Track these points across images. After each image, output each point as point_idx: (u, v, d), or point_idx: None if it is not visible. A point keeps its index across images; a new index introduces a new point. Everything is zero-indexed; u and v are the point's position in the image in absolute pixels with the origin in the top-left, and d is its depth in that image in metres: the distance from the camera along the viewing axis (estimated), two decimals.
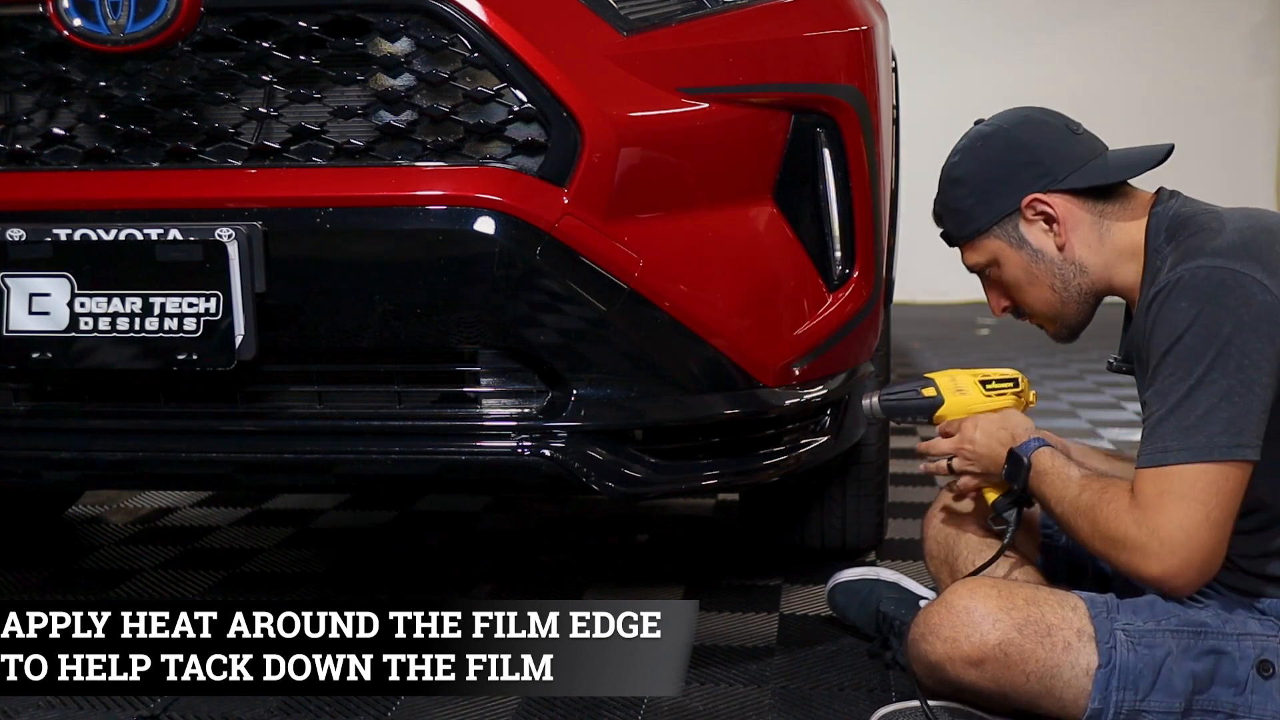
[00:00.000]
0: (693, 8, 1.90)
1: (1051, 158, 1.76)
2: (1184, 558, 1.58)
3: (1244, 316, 1.57)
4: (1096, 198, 1.76)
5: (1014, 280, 1.82)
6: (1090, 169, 1.76)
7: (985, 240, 1.81)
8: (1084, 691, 1.63)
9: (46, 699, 1.99)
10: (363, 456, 1.88)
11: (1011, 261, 1.81)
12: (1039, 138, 1.79)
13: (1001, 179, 1.78)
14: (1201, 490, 1.57)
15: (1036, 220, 1.77)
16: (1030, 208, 1.77)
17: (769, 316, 1.97)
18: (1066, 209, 1.76)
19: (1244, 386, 1.57)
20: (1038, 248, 1.78)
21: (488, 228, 1.78)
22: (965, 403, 1.92)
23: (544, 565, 2.68)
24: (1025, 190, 1.76)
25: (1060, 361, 5.52)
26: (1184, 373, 1.58)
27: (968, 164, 1.82)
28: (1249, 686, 1.63)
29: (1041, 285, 1.80)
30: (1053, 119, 1.82)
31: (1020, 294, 1.83)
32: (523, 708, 1.94)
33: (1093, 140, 1.81)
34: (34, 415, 1.96)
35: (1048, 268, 1.79)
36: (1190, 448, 1.57)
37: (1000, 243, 1.80)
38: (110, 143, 1.86)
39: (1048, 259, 1.78)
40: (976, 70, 7.71)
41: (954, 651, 1.66)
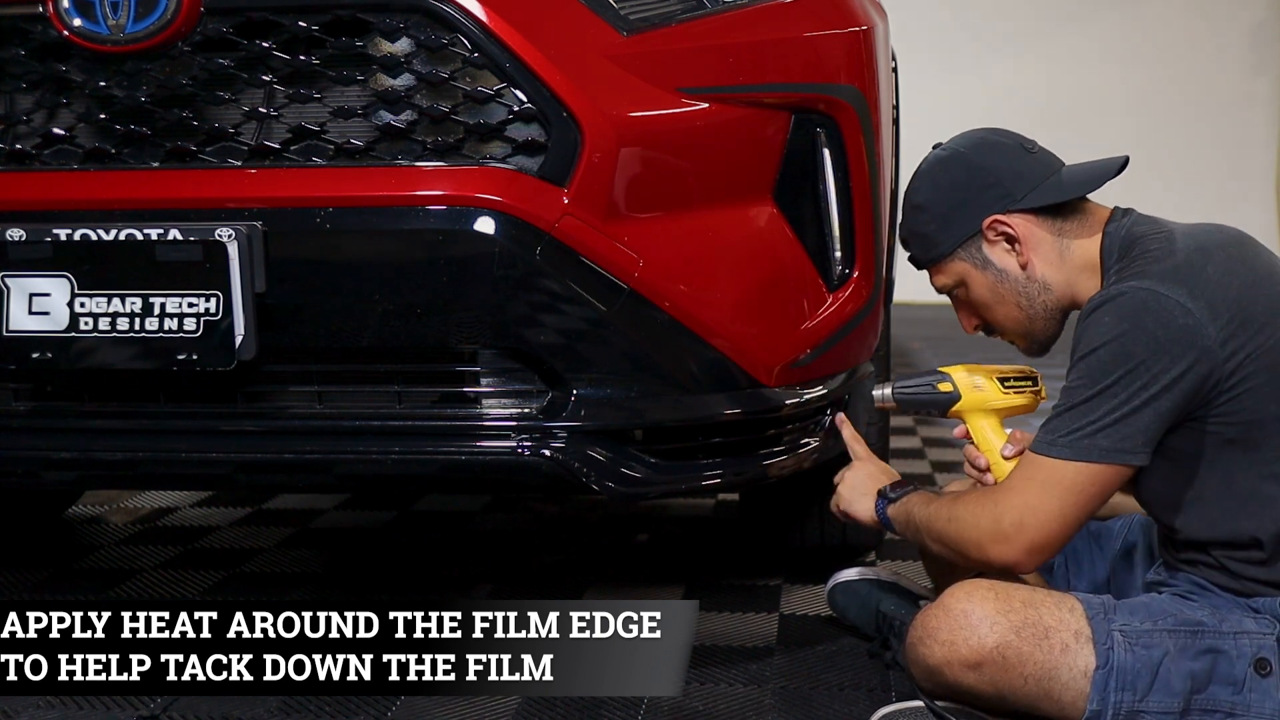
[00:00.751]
0: (693, 8, 1.90)
1: (1009, 178, 1.80)
2: (1028, 542, 1.67)
3: (1160, 339, 1.62)
4: (1055, 215, 1.80)
5: (981, 300, 1.86)
6: (1047, 187, 1.79)
7: (950, 263, 1.85)
8: (1082, 693, 1.63)
9: (46, 699, 1.99)
10: (363, 456, 1.88)
11: (977, 282, 1.85)
12: (995, 159, 1.82)
13: (961, 202, 1.82)
14: (1065, 488, 1.65)
15: (998, 241, 1.80)
16: (991, 229, 1.80)
17: (769, 316, 1.97)
18: (1026, 228, 1.79)
19: (1142, 402, 1.62)
20: (1001, 268, 1.82)
21: (488, 228, 1.78)
22: (982, 399, 1.95)
23: (544, 565, 2.68)
24: (985, 212, 1.80)
25: (1060, 362, 5.50)
26: (1090, 381, 1.65)
27: (927, 190, 1.86)
28: (1247, 685, 1.63)
29: (1008, 304, 1.84)
30: (1007, 139, 1.85)
31: (988, 313, 1.88)
32: (523, 708, 1.94)
33: (1048, 157, 1.84)
34: (34, 415, 1.96)
35: (1012, 286, 1.82)
36: (1072, 447, 1.64)
37: (965, 264, 1.84)
38: (110, 143, 1.86)
39: (1012, 278, 1.82)
40: (977, 70, 7.71)
41: (952, 655, 1.66)
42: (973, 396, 1.95)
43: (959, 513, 1.75)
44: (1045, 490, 1.66)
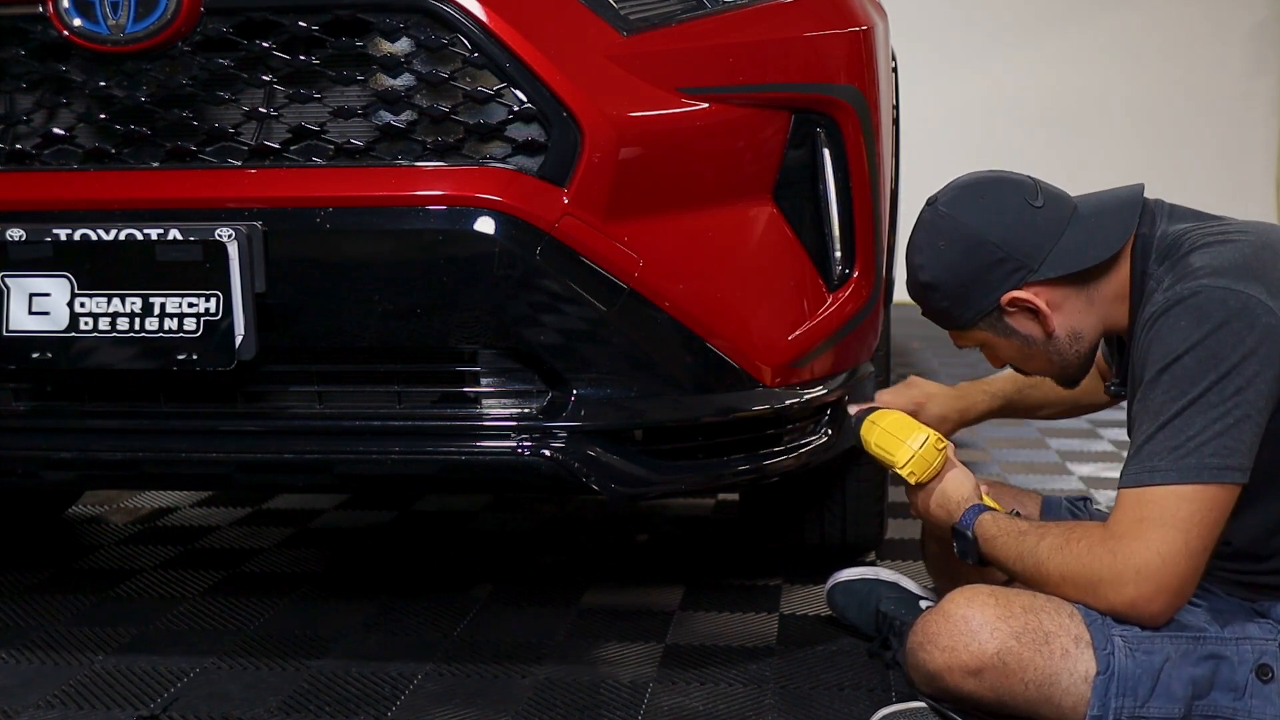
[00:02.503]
0: (693, 8, 1.90)
1: (1021, 249, 1.70)
2: (1158, 585, 1.56)
3: (1249, 341, 1.53)
4: (1075, 274, 1.71)
5: (1010, 358, 1.82)
6: (1064, 254, 1.70)
7: (971, 332, 1.80)
8: (1083, 699, 1.61)
9: (46, 699, 1.99)
10: (363, 456, 1.88)
11: (1003, 347, 1.79)
12: (1001, 230, 1.71)
13: (972, 281, 1.73)
14: (1184, 518, 1.54)
15: (1019, 312, 1.74)
16: (1011, 304, 1.73)
17: (769, 316, 1.97)
18: (1048, 296, 1.71)
19: (1241, 410, 1.53)
20: (1026, 335, 1.76)
21: (488, 228, 1.78)
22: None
23: (544, 565, 2.68)
24: (1001, 289, 1.72)
25: None
26: (1179, 393, 1.55)
27: (932, 268, 1.76)
28: (1248, 691, 1.61)
29: (1039, 360, 1.79)
30: (1011, 195, 1.73)
31: (1019, 365, 1.84)
32: (523, 706, 1.94)
33: (1057, 205, 1.73)
34: (34, 415, 1.96)
35: (1041, 348, 1.77)
36: (1179, 468, 1.54)
37: (987, 334, 1.79)
38: (110, 143, 1.86)
39: (1039, 341, 1.76)
40: (976, 70, 7.71)
41: (952, 660, 1.65)
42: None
43: (1071, 550, 1.61)
44: (1164, 528, 1.54)
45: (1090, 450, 3.78)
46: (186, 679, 2.06)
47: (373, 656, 2.15)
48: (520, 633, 2.26)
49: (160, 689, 2.03)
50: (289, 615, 2.37)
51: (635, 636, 2.24)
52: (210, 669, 2.11)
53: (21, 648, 2.21)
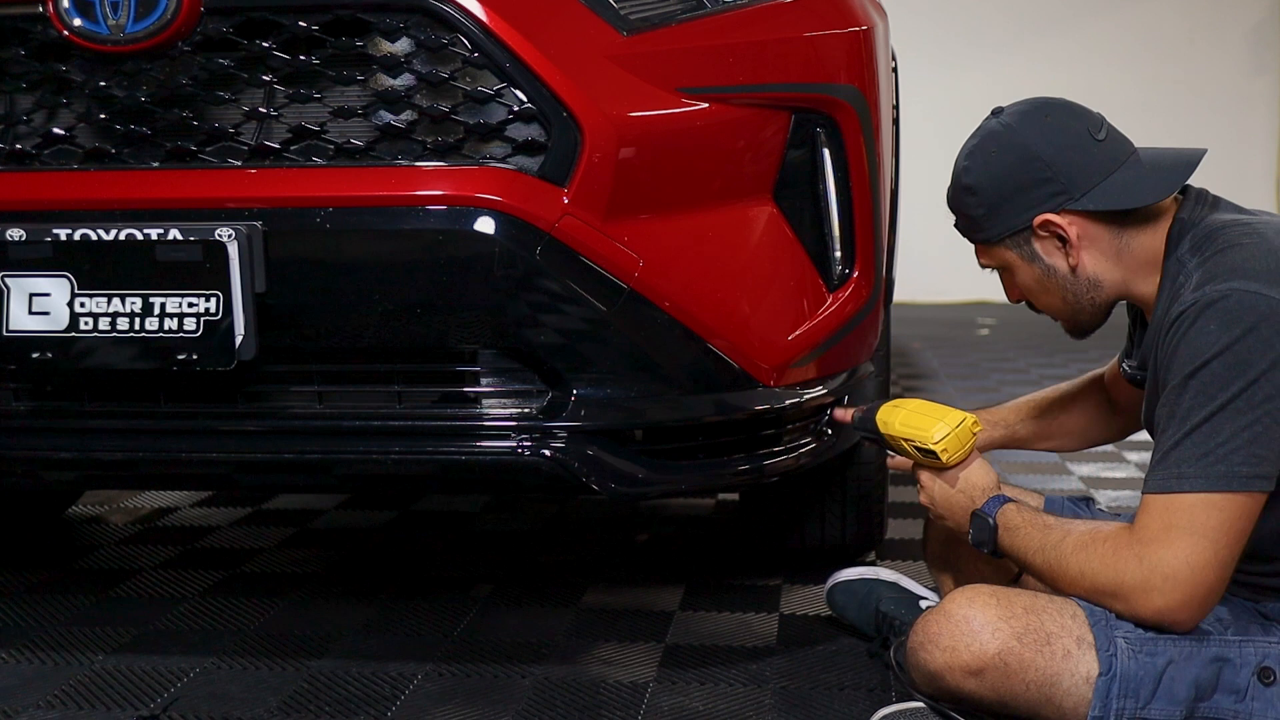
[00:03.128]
0: (693, 8, 1.90)
1: (1068, 174, 1.67)
2: (1187, 595, 1.54)
3: (1278, 347, 1.51)
4: (1116, 214, 1.68)
5: (1025, 286, 1.78)
6: (1109, 190, 1.66)
7: (995, 249, 1.76)
8: (1084, 700, 1.61)
9: (46, 699, 1.99)
10: (363, 456, 1.88)
11: (1023, 272, 1.76)
12: (1056, 149, 1.68)
13: (1013, 193, 1.70)
14: (1214, 527, 1.52)
15: (1049, 239, 1.70)
16: (1043, 227, 1.69)
17: (769, 316, 1.97)
18: (1082, 228, 1.68)
19: (1270, 417, 1.51)
20: (1050, 264, 1.72)
21: (488, 228, 1.77)
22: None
23: (544, 565, 2.68)
24: (1038, 208, 1.68)
25: (1061, 362, 5.52)
26: (1206, 398, 1.52)
27: (978, 171, 1.73)
28: (1250, 693, 1.61)
29: (1054, 296, 1.76)
30: (1074, 122, 1.71)
31: (1033, 297, 1.79)
32: (523, 706, 1.94)
33: (1117, 145, 1.70)
34: (34, 415, 1.96)
35: (1060, 282, 1.73)
36: (1208, 475, 1.52)
37: (1011, 254, 1.75)
38: (110, 143, 1.86)
39: (1060, 275, 1.72)
40: (976, 70, 7.71)
41: (953, 661, 1.64)
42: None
43: (1096, 552, 1.59)
44: (1192, 536, 1.51)
45: (1090, 450, 3.77)
46: (186, 679, 2.06)
47: (373, 656, 2.16)
48: (520, 633, 2.26)
49: (160, 689, 2.03)
50: (289, 615, 2.37)
51: (635, 636, 2.24)
52: (210, 669, 2.11)
53: (21, 648, 2.21)
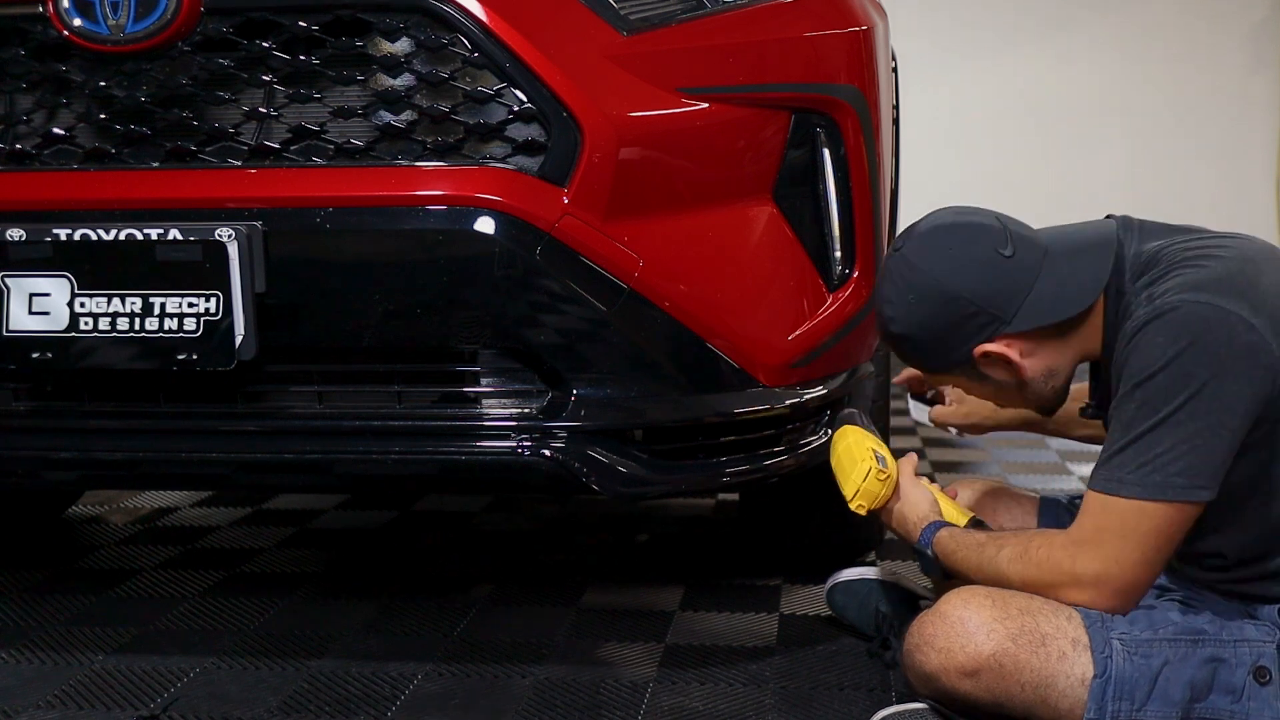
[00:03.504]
0: (693, 8, 1.90)
1: (993, 302, 1.67)
2: (1113, 591, 1.61)
3: (1224, 359, 1.52)
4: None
5: (985, 397, 1.84)
6: (1037, 306, 1.67)
7: (946, 376, 1.81)
8: (1079, 701, 1.61)
9: (46, 699, 1.99)
10: (363, 456, 1.88)
11: (978, 389, 1.81)
12: (972, 283, 1.68)
13: (944, 334, 1.71)
14: (1145, 532, 1.57)
15: (993, 364, 1.73)
16: (984, 357, 1.71)
17: (769, 316, 1.97)
18: (1022, 345, 1.70)
19: (1211, 430, 1.54)
20: (1000, 380, 1.75)
21: (488, 228, 1.77)
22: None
23: (544, 565, 2.68)
24: (973, 341, 1.70)
25: None
26: (1151, 409, 1.55)
27: (902, 321, 1.74)
28: (1245, 693, 1.61)
29: (1013, 398, 1.81)
30: (979, 243, 1.69)
31: (996, 402, 1.86)
32: (523, 706, 1.94)
33: (1027, 253, 1.69)
34: (34, 415, 1.96)
35: (1015, 390, 1.77)
36: (1144, 484, 1.56)
37: (962, 379, 1.80)
38: (110, 143, 1.86)
39: (1013, 385, 1.76)
40: (976, 70, 7.70)
41: (949, 662, 1.65)
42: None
43: (1032, 558, 1.65)
44: (1123, 539, 1.57)
45: (1090, 451, 3.76)
46: (186, 679, 2.06)
47: (373, 656, 2.15)
48: (520, 633, 2.26)
49: (160, 689, 2.03)
50: (289, 615, 2.37)
51: (635, 636, 2.24)
52: (210, 669, 2.11)
53: (21, 648, 2.21)
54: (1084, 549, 1.61)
